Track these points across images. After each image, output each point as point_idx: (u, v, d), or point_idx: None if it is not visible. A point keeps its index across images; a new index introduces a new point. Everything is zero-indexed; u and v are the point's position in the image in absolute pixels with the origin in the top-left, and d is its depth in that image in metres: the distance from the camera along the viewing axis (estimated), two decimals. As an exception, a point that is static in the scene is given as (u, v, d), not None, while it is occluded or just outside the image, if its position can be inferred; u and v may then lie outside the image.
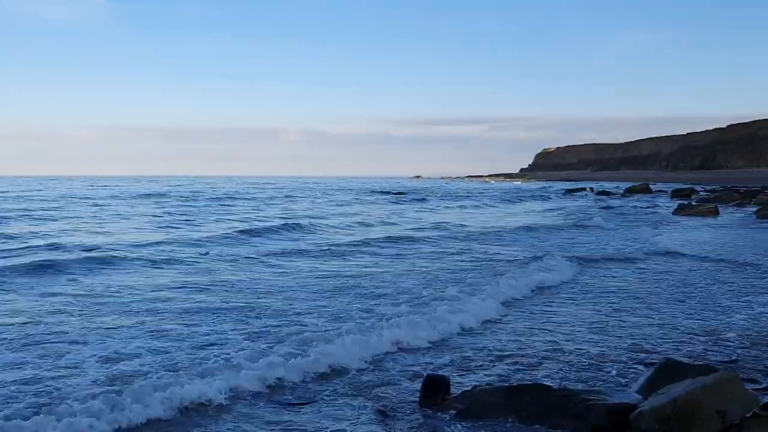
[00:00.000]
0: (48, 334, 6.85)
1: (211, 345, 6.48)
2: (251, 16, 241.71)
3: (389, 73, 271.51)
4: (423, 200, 44.85)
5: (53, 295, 9.06)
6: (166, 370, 5.56)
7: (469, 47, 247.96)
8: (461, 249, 15.26)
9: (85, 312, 7.97)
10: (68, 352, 6.15)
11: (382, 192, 59.27)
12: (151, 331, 6.99)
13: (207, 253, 13.77)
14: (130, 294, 9.21)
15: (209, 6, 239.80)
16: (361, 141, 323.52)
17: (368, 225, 23.02)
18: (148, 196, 44.73)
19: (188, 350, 6.27)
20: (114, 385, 5.21)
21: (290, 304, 8.58)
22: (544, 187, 74.01)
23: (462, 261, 13.20)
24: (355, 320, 7.53)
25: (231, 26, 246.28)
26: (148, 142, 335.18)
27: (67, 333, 6.88)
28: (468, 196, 51.78)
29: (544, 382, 5.15)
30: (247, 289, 9.76)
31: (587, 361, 6.11)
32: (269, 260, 13.05)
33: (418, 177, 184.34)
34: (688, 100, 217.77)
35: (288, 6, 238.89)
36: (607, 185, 72.70)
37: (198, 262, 12.62)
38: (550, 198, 48.51)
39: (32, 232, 18.20)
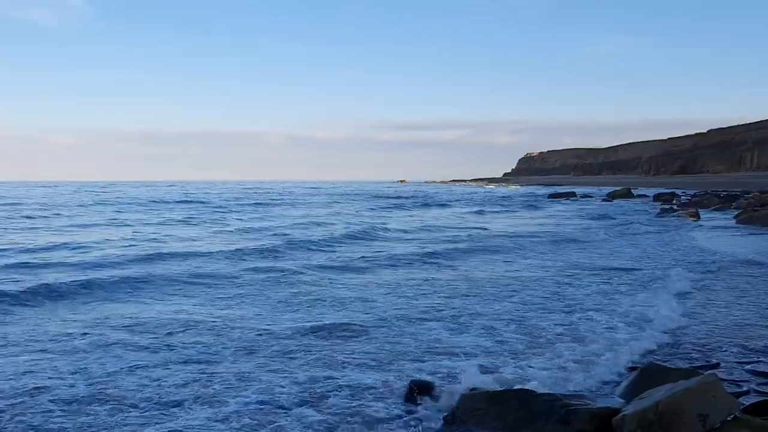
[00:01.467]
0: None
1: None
2: (232, 20, 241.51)
3: (372, 77, 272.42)
4: (444, 206, 44.39)
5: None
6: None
7: (450, 52, 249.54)
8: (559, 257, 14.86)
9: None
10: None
11: (383, 197, 58.91)
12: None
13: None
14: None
15: (191, 9, 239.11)
16: (344, 145, 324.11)
17: (430, 229, 22.96)
18: (187, 202, 44.56)
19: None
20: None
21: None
22: (532, 193, 74.25)
23: (579, 271, 12.49)
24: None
25: (212, 30, 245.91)
26: (130, 147, 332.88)
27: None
28: (480, 201, 52.15)
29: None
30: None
31: None
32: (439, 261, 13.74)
33: (402, 181, 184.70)
34: (669, 105, 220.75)
35: (269, 10, 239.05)
36: (590, 189, 73.25)
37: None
38: (539, 205, 48.69)
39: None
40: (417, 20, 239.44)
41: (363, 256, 14.42)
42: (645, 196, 54.48)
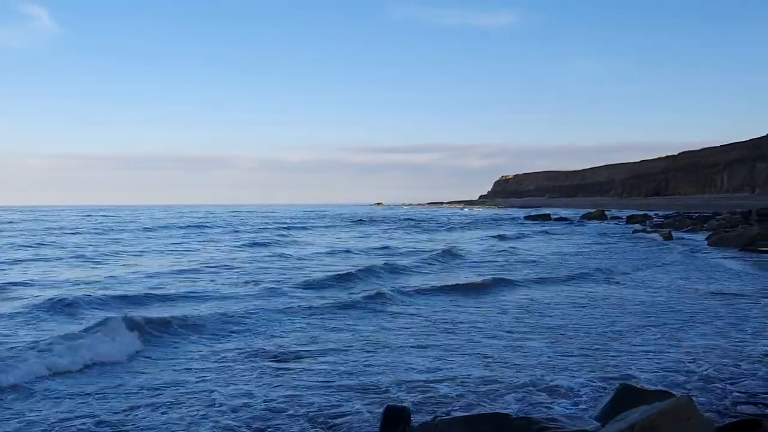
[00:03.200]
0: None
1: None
2: (200, 44, 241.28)
3: (346, 100, 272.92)
4: (451, 229, 43.32)
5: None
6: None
7: (424, 76, 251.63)
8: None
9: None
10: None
11: (394, 220, 58.70)
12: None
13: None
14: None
15: (163, 34, 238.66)
16: (318, 169, 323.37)
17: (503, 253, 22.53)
18: (201, 226, 44.49)
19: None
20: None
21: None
22: (510, 215, 74.63)
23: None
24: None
25: (180, 53, 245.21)
26: (100, 171, 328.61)
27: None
28: (476, 223, 51.91)
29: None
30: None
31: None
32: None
33: (379, 204, 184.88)
34: (641, 128, 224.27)
35: (237, 33, 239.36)
36: (565, 212, 74.04)
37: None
38: (544, 230, 48.94)
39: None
40: (392, 45, 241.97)
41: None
42: (618, 217, 55.17)
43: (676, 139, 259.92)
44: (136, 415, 5.39)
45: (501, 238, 31.44)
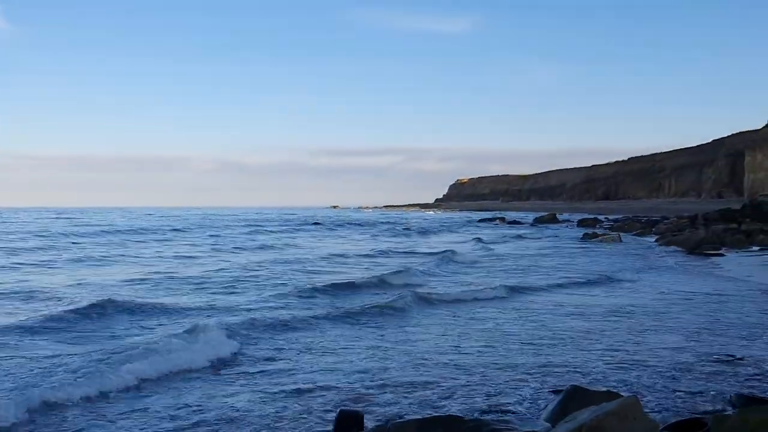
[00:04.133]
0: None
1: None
2: (159, 42, 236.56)
3: (304, 102, 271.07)
4: (425, 233, 42.16)
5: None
6: None
7: (381, 79, 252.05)
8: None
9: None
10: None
11: (371, 224, 57.69)
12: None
13: None
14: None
15: (118, 31, 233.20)
16: (276, 171, 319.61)
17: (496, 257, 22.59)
18: (182, 230, 42.78)
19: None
20: None
21: None
22: (469, 218, 75.25)
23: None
24: None
25: (139, 52, 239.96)
26: (53, 172, 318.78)
27: None
28: (442, 226, 51.33)
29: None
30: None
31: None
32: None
33: (335, 207, 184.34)
34: (592, 133, 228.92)
35: (197, 32, 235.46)
36: (518, 215, 75.13)
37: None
38: (507, 231, 49.35)
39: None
40: (349, 48, 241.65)
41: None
42: (569, 221, 56.24)
43: (626, 144, 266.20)
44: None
45: (479, 240, 31.32)
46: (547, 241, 32.49)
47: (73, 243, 28.24)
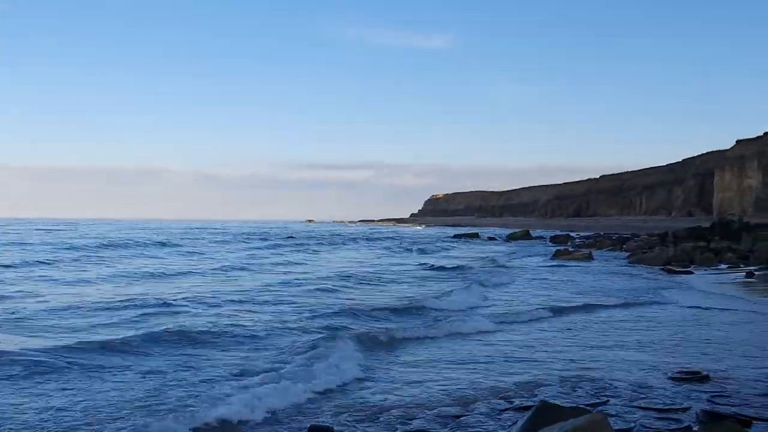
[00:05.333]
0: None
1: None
2: (133, 52, 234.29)
3: (279, 115, 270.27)
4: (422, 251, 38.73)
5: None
6: None
7: (359, 94, 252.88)
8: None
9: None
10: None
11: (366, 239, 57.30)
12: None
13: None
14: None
15: (89, 41, 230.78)
16: (251, 184, 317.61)
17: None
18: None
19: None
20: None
21: None
22: (436, 234, 75.34)
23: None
24: None
25: (111, 61, 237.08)
26: (15, 182, 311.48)
27: None
28: (429, 243, 50.27)
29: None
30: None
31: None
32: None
33: (310, 221, 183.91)
34: (565, 151, 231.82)
35: (172, 42, 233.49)
36: (493, 231, 75.68)
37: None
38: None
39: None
40: (326, 62, 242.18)
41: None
42: (542, 237, 56.78)
43: (597, 162, 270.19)
44: None
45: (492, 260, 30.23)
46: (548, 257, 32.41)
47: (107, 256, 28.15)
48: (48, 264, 22.37)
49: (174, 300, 13.22)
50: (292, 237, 57.29)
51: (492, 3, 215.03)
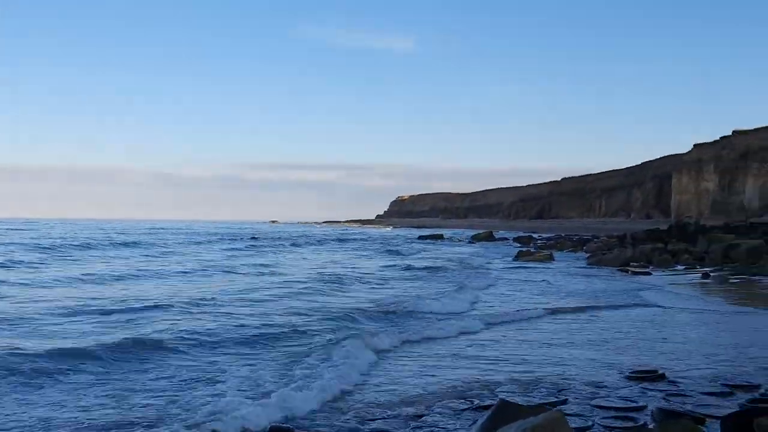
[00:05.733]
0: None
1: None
2: (92, 51, 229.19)
3: (242, 114, 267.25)
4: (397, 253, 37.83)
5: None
6: None
7: (325, 95, 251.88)
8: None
9: None
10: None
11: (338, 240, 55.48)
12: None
13: None
14: None
15: (51, 38, 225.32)
16: (213, 184, 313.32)
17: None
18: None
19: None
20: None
21: None
22: (404, 236, 75.47)
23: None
24: None
25: (70, 60, 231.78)
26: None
27: None
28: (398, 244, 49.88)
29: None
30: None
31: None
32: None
33: (274, 222, 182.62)
34: (528, 154, 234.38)
35: (132, 41, 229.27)
36: (457, 232, 76.19)
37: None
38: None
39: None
40: (292, 62, 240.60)
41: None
42: (505, 238, 57.37)
43: (560, 165, 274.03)
44: None
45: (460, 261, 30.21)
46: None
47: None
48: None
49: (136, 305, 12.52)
50: (255, 237, 56.78)
51: (458, 5, 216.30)
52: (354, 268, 24.43)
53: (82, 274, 18.78)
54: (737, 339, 9.91)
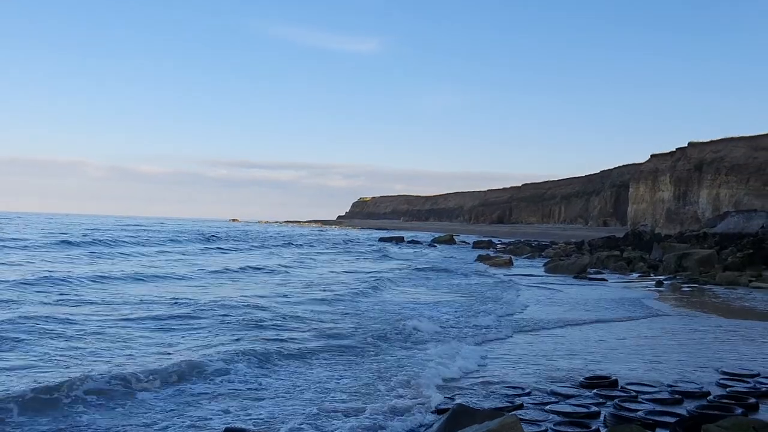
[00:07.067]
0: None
1: None
2: (52, 38, 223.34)
3: (203, 111, 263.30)
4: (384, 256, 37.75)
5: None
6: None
7: (287, 94, 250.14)
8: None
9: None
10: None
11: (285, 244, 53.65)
12: None
13: None
14: None
15: (11, 25, 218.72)
16: (172, 180, 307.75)
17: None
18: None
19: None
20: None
21: None
22: (373, 236, 75.18)
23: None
24: None
25: (27, 45, 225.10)
26: None
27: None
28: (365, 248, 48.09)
29: None
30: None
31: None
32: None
33: (234, 220, 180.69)
34: (491, 158, 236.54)
35: (93, 30, 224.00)
36: (418, 234, 76.43)
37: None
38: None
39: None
40: (250, 60, 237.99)
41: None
42: (465, 242, 57.81)
43: (520, 171, 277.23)
44: None
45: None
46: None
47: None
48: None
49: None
50: (214, 237, 55.92)
51: (423, 9, 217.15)
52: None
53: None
54: (688, 347, 10.14)
